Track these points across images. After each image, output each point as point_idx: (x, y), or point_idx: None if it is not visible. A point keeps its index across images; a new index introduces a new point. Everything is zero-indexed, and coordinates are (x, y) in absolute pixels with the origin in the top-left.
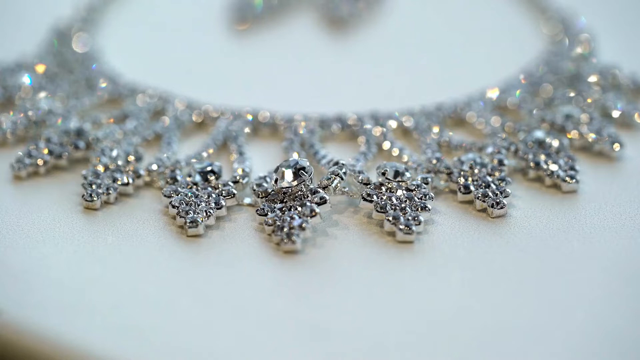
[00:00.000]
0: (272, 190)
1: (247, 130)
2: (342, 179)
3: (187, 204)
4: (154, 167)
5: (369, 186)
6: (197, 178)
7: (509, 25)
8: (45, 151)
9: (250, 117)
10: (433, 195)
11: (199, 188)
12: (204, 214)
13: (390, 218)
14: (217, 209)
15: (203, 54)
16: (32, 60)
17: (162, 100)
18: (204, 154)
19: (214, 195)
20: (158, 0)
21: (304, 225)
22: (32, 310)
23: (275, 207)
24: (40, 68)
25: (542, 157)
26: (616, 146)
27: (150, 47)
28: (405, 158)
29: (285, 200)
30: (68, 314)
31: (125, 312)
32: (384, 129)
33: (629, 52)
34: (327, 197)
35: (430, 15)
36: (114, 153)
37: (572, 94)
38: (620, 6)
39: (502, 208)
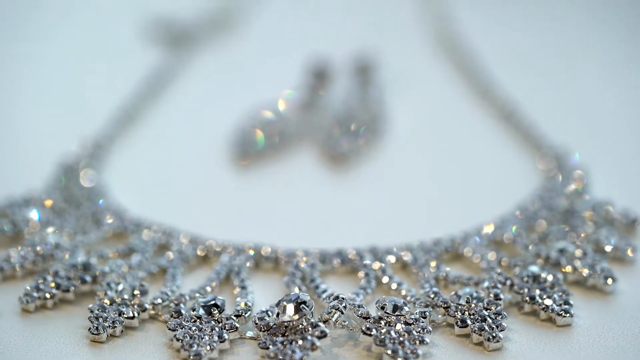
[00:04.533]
0: (274, 324)
1: (249, 264)
2: (342, 313)
3: (191, 337)
4: (159, 300)
5: (368, 320)
6: (201, 312)
7: (504, 161)
8: (53, 285)
9: (252, 252)
10: (431, 329)
11: (202, 321)
12: (208, 347)
13: (389, 352)
14: (221, 342)
15: (206, 188)
16: (39, 195)
17: (167, 235)
18: (208, 288)
19: (217, 329)
20: (162, 137)
21: (304, 358)
22: None
23: (276, 341)
24: (48, 203)
25: (537, 292)
26: (609, 281)
27: (155, 182)
28: (403, 292)
29: (286, 333)
30: None
31: None
32: (383, 264)
33: (621, 187)
34: (328, 331)
35: (427, 153)
36: (120, 287)
37: (566, 229)
38: (613, 143)
39: (498, 341)
